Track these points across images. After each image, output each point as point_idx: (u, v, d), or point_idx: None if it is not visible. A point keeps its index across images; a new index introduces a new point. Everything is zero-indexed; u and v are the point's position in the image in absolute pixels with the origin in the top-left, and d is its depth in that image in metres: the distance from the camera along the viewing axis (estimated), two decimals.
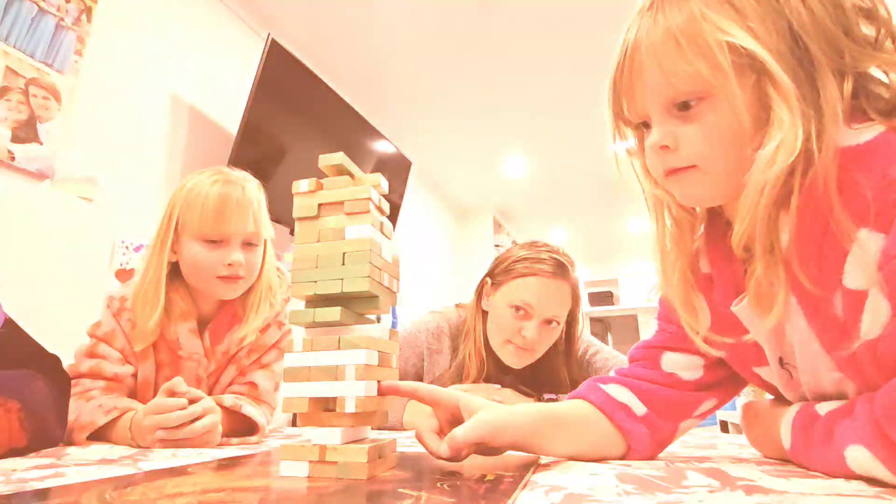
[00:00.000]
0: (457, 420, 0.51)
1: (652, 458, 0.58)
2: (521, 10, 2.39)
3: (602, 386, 0.60)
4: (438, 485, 0.38)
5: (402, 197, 3.20)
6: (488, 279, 1.17)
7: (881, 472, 0.37)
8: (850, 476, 0.41)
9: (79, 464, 0.53)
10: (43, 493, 0.35)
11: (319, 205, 0.48)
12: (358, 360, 0.43)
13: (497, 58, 2.75)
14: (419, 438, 0.51)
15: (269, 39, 2.08)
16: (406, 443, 0.75)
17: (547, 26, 2.51)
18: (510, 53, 2.71)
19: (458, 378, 1.14)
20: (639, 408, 0.57)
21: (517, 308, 1.07)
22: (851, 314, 0.40)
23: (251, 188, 0.93)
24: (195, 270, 0.89)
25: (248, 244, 0.91)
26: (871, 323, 0.38)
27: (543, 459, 0.55)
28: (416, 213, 3.92)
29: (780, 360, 0.52)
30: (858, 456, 0.39)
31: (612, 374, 0.63)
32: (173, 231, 0.89)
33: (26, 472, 0.47)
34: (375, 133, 2.86)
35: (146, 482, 0.39)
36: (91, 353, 0.87)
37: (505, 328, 1.09)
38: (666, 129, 0.47)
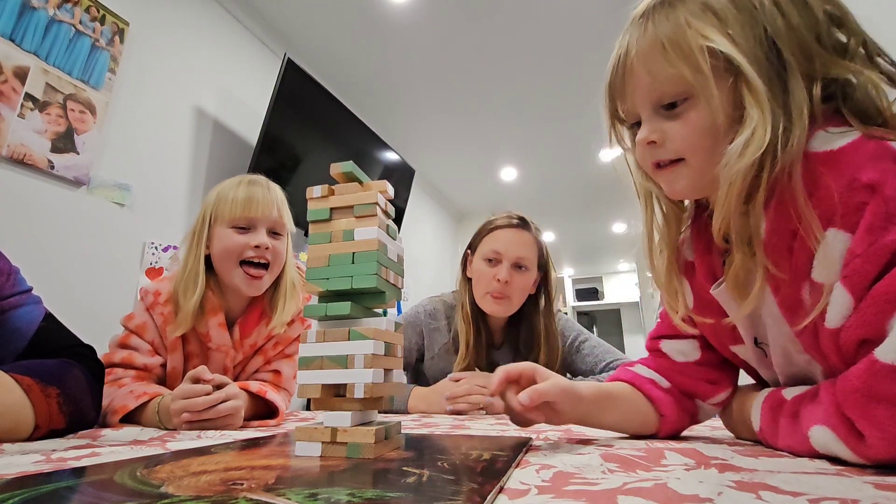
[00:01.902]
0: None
1: (682, 428, 0.59)
2: (515, 38, 2.41)
3: (630, 367, 0.63)
4: (439, 464, 0.38)
5: (406, 201, 3.20)
6: (468, 251, 1.21)
7: (841, 450, 0.37)
8: (814, 455, 0.40)
9: (112, 444, 0.53)
10: (80, 471, 0.35)
11: (331, 209, 0.48)
12: (366, 350, 0.43)
13: (493, 77, 2.76)
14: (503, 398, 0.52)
15: (286, 58, 2.08)
16: (410, 426, 0.75)
17: (538, 52, 2.51)
18: (504, 73, 2.72)
19: (455, 347, 1.14)
20: (663, 382, 0.59)
21: (490, 260, 1.12)
22: (818, 304, 0.40)
23: (275, 187, 0.95)
24: (225, 254, 0.89)
25: (273, 232, 0.92)
26: (835, 314, 0.38)
27: (535, 441, 0.55)
28: (419, 215, 3.91)
29: (755, 340, 0.52)
30: (821, 435, 0.38)
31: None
32: (208, 226, 0.90)
33: (65, 451, 0.47)
34: (382, 144, 2.86)
35: (173, 461, 0.38)
36: (123, 344, 0.87)
37: (483, 280, 1.11)
38: (653, 126, 0.47)
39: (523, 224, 1.14)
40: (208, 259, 0.91)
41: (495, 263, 1.11)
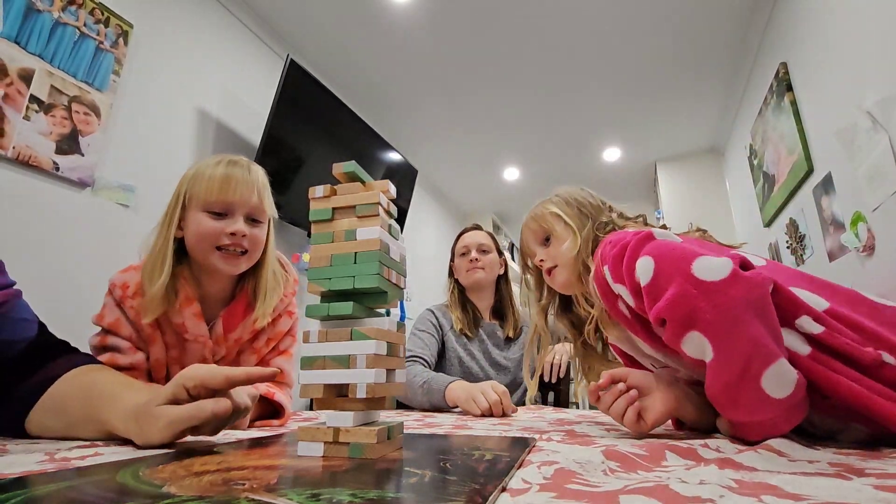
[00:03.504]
0: None
1: None
2: (517, 38, 2.41)
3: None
4: (441, 464, 0.38)
5: (408, 202, 3.20)
6: (451, 262, 1.67)
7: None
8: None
9: (115, 444, 0.54)
10: (83, 471, 0.35)
11: (333, 209, 0.48)
12: (368, 350, 0.43)
13: (495, 77, 2.75)
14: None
15: (289, 60, 2.08)
16: (412, 426, 0.75)
17: (540, 52, 2.51)
18: (507, 73, 2.72)
19: (461, 320, 1.54)
20: None
21: (463, 254, 1.61)
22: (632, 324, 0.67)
23: (256, 169, 0.89)
24: (199, 239, 0.83)
25: (252, 219, 0.86)
26: (626, 307, 0.66)
27: (538, 442, 0.55)
28: (422, 216, 3.92)
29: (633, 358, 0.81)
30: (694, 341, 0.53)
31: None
32: (181, 207, 0.85)
33: (68, 451, 0.47)
34: (385, 144, 2.86)
35: (176, 461, 0.39)
36: (103, 346, 0.83)
37: (463, 266, 1.60)
38: (540, 254, 0.89)
39: (474, 227, 1.70)
40: (181, 243, 0.86)
41: (467, 253, 1.60)
